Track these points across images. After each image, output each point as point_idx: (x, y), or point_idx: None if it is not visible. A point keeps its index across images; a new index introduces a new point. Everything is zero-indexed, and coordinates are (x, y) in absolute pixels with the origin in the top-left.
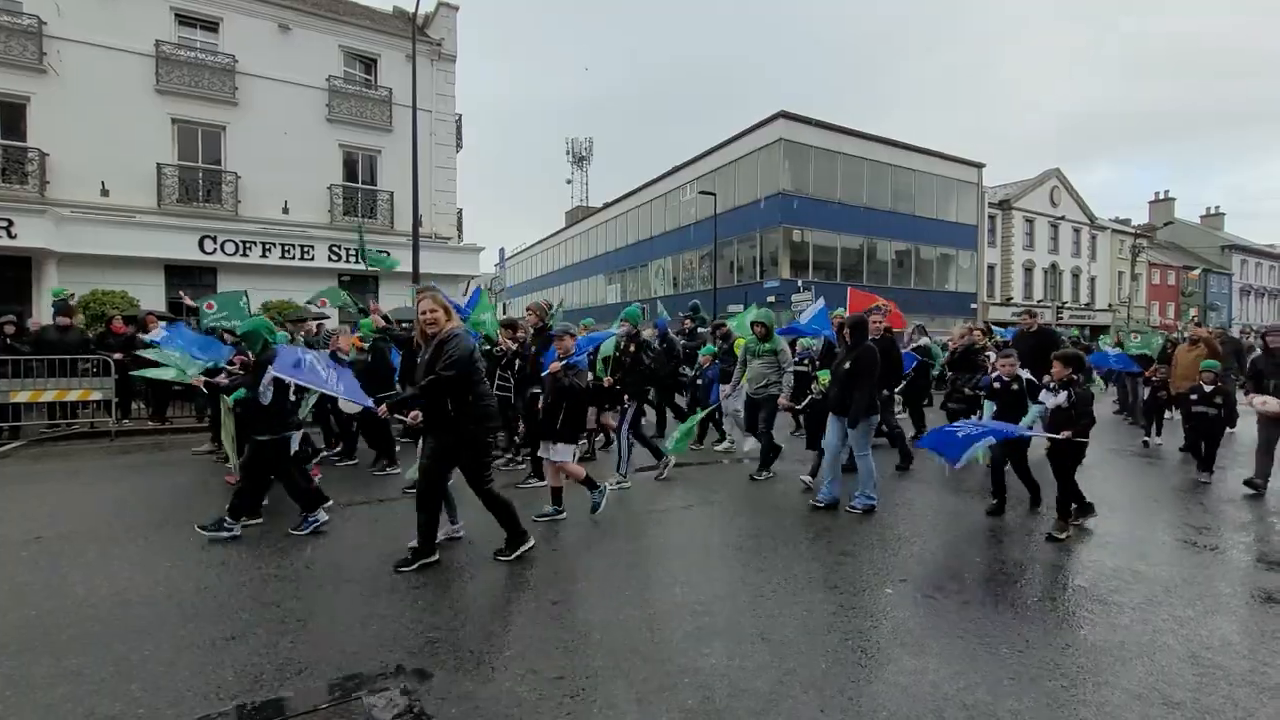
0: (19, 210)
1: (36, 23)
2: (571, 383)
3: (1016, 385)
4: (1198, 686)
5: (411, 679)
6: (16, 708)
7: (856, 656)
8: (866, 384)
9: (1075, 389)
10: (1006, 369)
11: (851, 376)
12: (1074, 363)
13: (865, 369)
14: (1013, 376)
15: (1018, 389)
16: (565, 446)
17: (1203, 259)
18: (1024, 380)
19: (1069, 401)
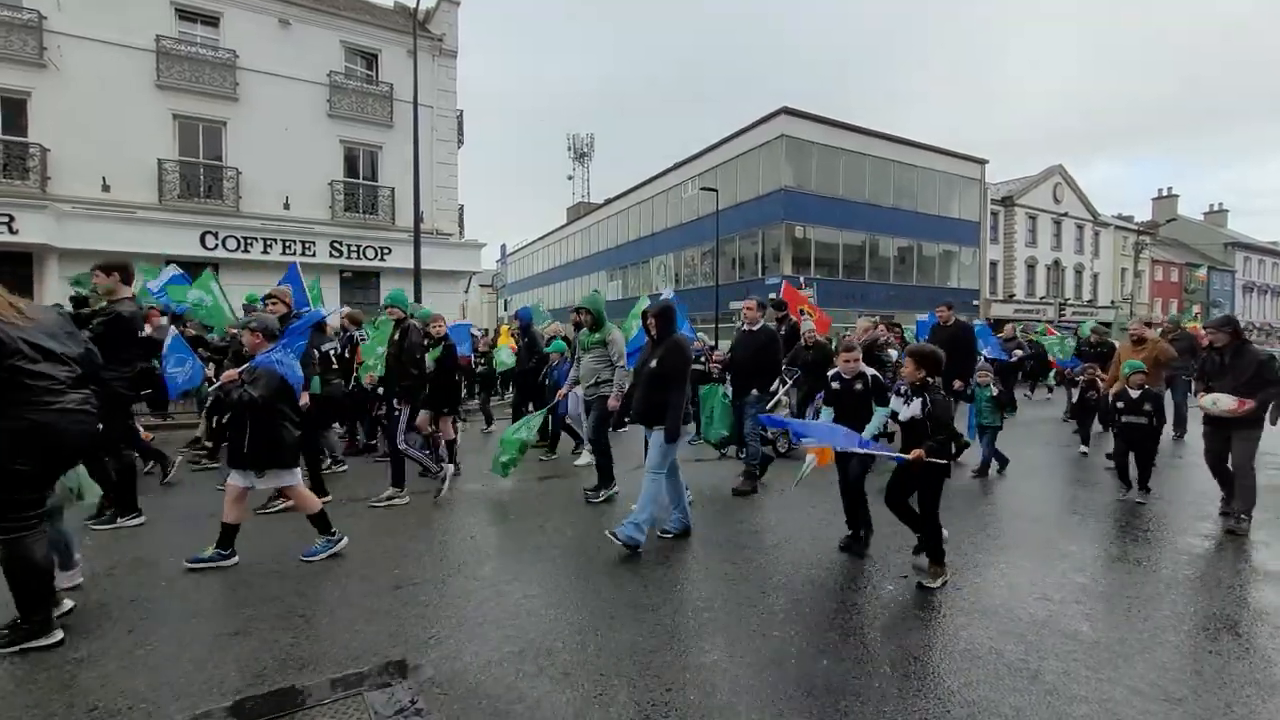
0: (20, 206)
1: (37, 17)
2: (245, 394)
3: (860, 385)
4: (1198, 684)
5: (413, 675)
6: (19, 701)
7: (858, 653)
8: (679, 387)
9: (931, 396)
10: (845, 364)
11: (658, 378)
12: (928, 362)
13: (677, 369)
14: (854, 375)
15: (862, 389)
16: (279, 473)
17: (1206, 256)
18: (870, 379)
19: (923, 412)
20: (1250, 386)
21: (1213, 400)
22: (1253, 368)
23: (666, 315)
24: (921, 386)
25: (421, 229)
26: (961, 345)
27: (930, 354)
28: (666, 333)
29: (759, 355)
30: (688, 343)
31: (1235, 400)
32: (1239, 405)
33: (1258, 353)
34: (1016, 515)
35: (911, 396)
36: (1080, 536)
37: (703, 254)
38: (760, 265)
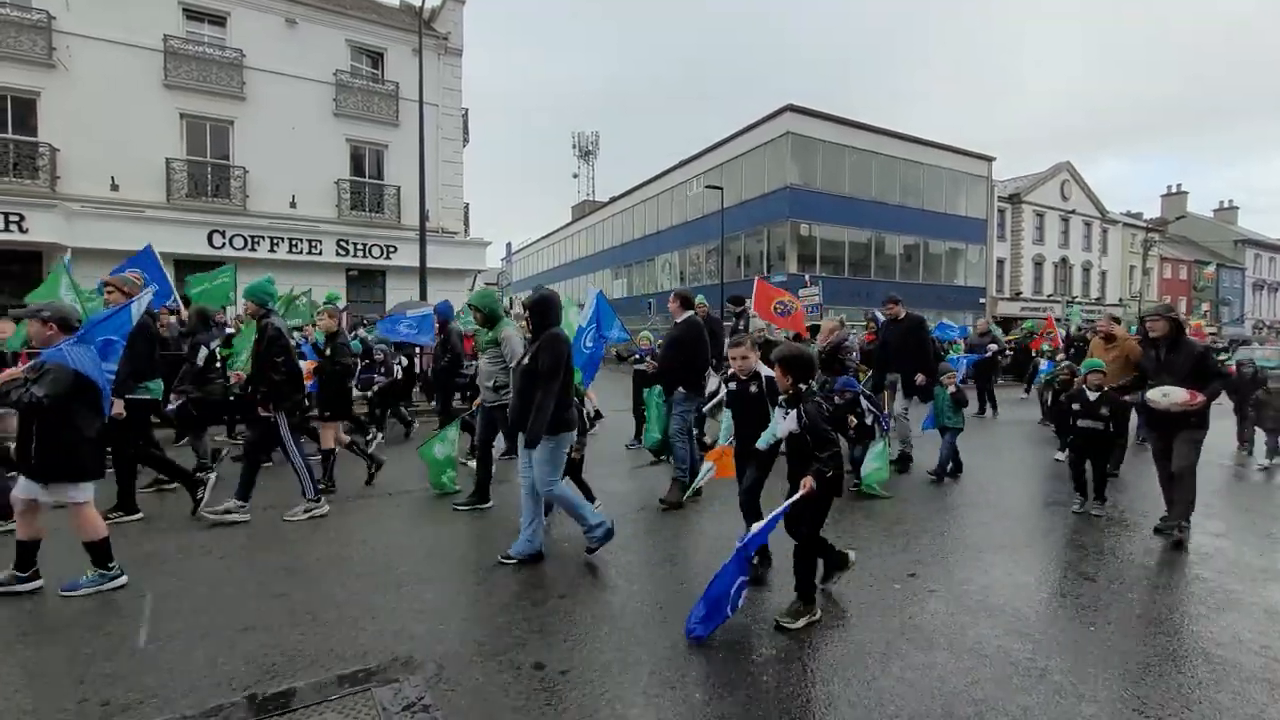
0: (30, 205)
1: (46, 18)
2: (29, 395)
3: (755, 388)
4: (1209, 683)
5: (420, 671)
6: (32, 695)
7: (864, 651)
8: (551, 388)
9: (805, 406)
10: (738, 362)
11: (530, 376)
12: (797, 367)
13: (547, 366)
14: (749, 375)
15: (756, 393)
16: (66, 486)
17: (1215, 253)
18: (765, 381)
19: (800, 426)
20: (1190, 382)
21: (1162, 393)
22: (1191, 361)
23: (542, 307)
24: (796, 396)
25: (427, 227)
26: (916, 340)
27: (797, 357)
28: (542, 327)
29: (681, 350)
30: (564, 338)
31: (1187, 393)
32: (1191, 398)
33: (1195, 345)
34: (1020, 514)
35: (787, 409)
36: (1089, 536)
37: (708, 252)
38: (766, 263)
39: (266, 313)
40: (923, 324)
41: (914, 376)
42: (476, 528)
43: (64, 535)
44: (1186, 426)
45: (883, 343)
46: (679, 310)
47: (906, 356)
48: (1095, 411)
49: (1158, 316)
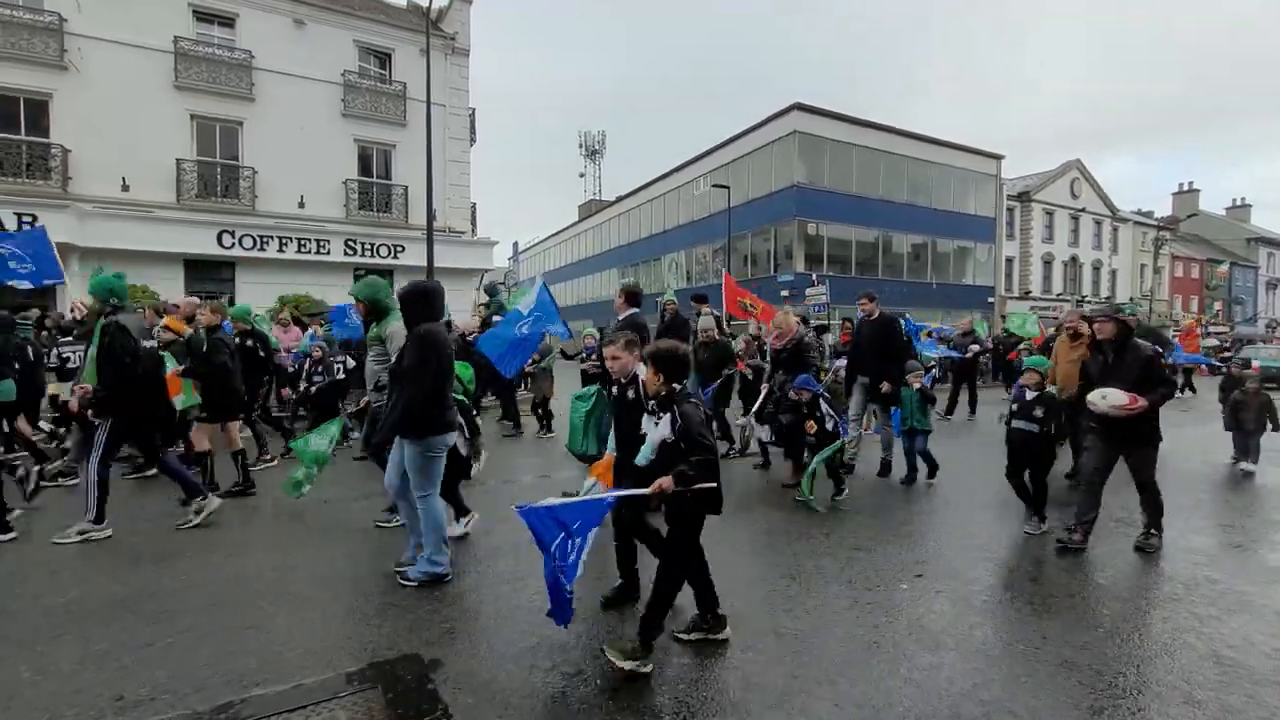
0: (43, 205)
1: (58, 20)
2: None
3: (633, 392)
4: (1219, 685)
5: (428, 668)
6: (46, 691)
7: (871, 651)
8: (413, 388)
9: (680, 408)
10: (610, 362)
11: (396, 378)
12: (670, 366)
13: (411, 366)
14: (627, 377)
15: (634, 398)
16: None
17: (1228, 252)
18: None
19: (674, 431)
20: (1137, 388)
21: (1101, 395)
22: (1139, 366)
23: (412, 299)
24: (668, 398)
25: (434, 227)
26: (889, 342)
27: (669, 354)
28: (413, 321)
29: None
30: (436, 335)
31: (1127, 395)
32: (1130, 402)
33: (1144, 348)
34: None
35: (659, 413)
36: (1095, 538)
37: (714, 251)
38: (773, 262)
39: (112, 310)
40: (895, 324)
41: (881, 380)
42: (486, 526)
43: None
44: (1138, 443)
45: (854, 342)
46: (623, 306)
47: (876, 358)
48: (1030, 412)
49: (1105, 318)
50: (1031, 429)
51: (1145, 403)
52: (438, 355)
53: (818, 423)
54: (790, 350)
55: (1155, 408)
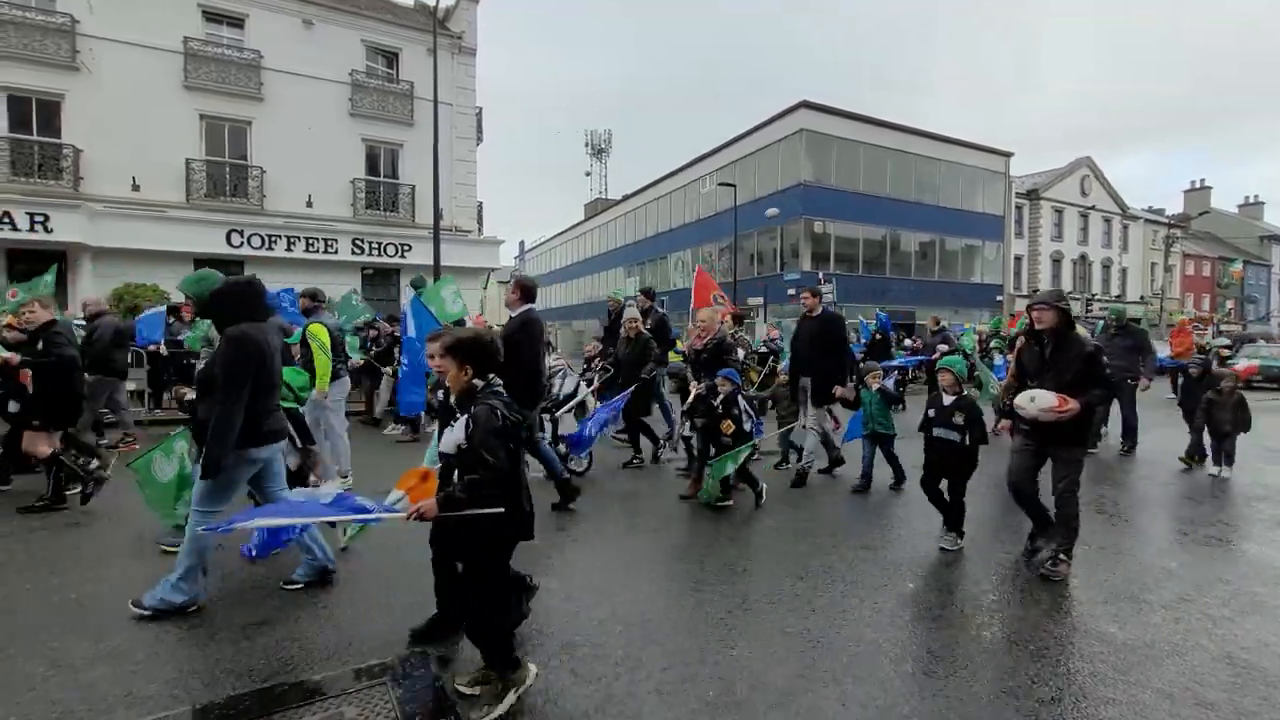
0: (54, 205)
1: (70, 21)
2: None
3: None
4: (1232, 686)
5: (435, 665)
6: (58, 687)
7: (878, 651)
8: (228, 400)
9: (476, 410)
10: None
11: (208, 387)
12: (474, 355)
13: (226, 374)
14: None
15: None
16: None
17: (1240, 250)
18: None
19: (467, 438)
20: (1075, 387)
21: (1030, 397)
22: (1078, 363)
23: (223, 298)
24: (468, 396)
25: (441, 226)
26: (832, 341)
27: (470, 343)
28: (226, 322)
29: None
30: (250, 338)
31: (1056, 397)
32: (1060, 404)
33: (1085, 343)
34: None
35: (458, 413)
36: (1102, 538)
37: (720, 250)
38: (779, 261)
39: None
40: (838, 322)
41: (829, 382)
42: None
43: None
44: (1065, 443)
45: (795, 342)
46: (517, 301)
47: (818, 359)
48: (949, 419)
49: (1045, 305)
50: (951, 437)
51: (1076, 405)
52: (251, 360)
53: (735, 421)
54: (711, 350)
55: (1089, 410)
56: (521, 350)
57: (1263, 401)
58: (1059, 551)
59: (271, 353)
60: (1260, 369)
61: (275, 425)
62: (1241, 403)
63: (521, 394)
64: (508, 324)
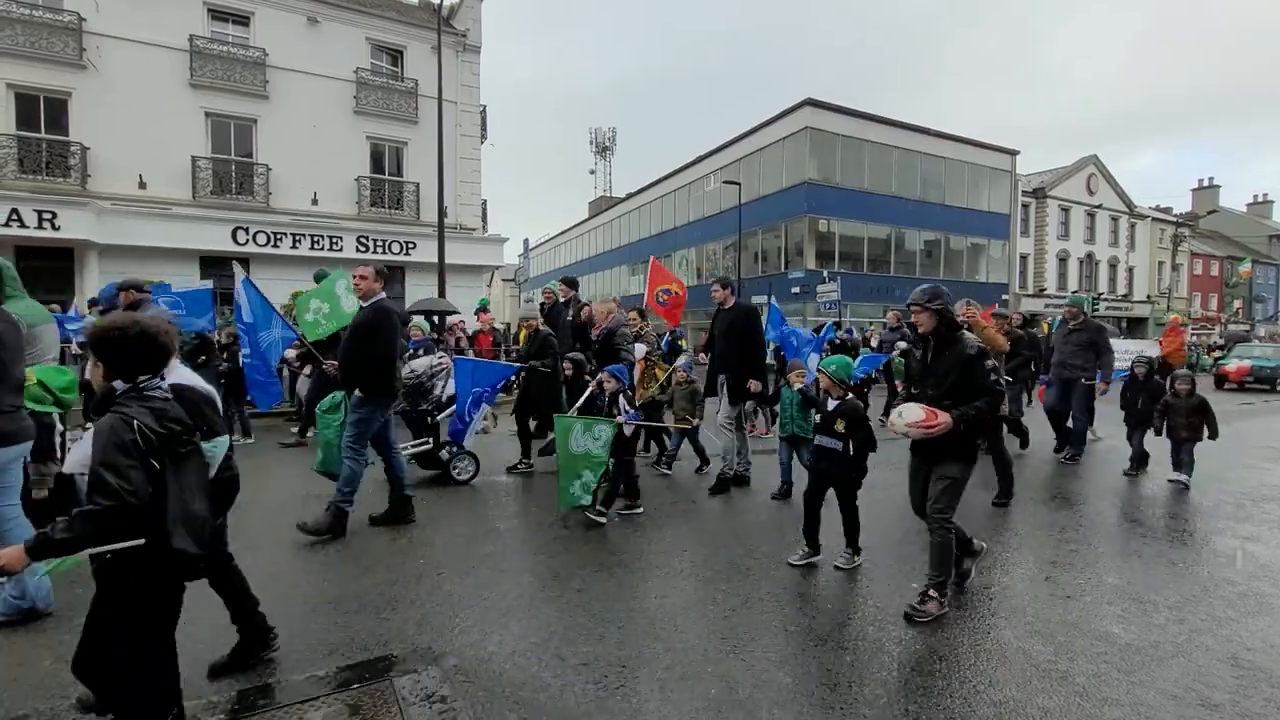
0: (62, 202)
1: (76, 19)
2: None
3: None
4: (1237, 688)
5: (439, 662)
6: (65, 679)
7: (881, 650)
8: None
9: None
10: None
11: None
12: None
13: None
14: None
15: None
16: None
17: (1249, 249)
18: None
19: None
20: (954, 395)
21: (898, 412)
22: (958, 368)
23: None
24: (106, 400)
25: (445, 224)
26: (744, 335)
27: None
28: None
29: (362, 342)
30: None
31: (924, 411)
32: (928, 418)
33: (967, 346)
34: (1035, 514)
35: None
36: (1107, 541)
37: (725, 248)
38: (783, 259)
39: None
40: (753, 314)
41: (745, 379)
42: (496, 521)
43: None
44: (941, 458)
45: (710, 336)
46: (370, 288)
47: (733, 354)
48: (830, 425)
49: (919, 307)
50: (834, 446)
51: (946, 420)
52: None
53: None
54: (600, 343)
55: (966, 425)
56: (371, 342)
57: (1255, 403)
58: (928, 587)
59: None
60: (1252, 370)
61: (8, 427)
62: (1202, 407)
63: (370, 389)
64: (358, 313)
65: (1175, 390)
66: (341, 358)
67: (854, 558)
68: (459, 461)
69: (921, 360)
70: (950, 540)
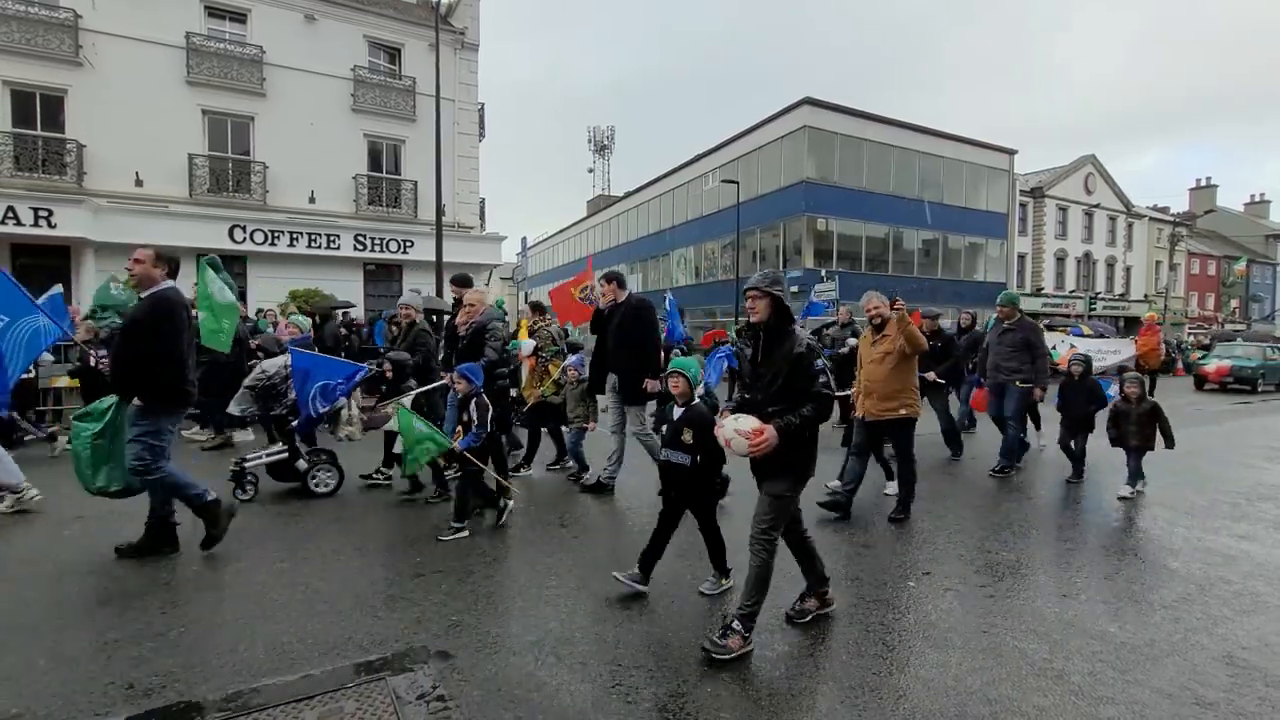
0: (58, 200)
1: (72, 16)
2: None
3: None
4: (1231, 686)
5: (435, 661)
6: (60, 679)
7: (878, 649)
8: None
9: None
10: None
11: None
12: None
13: None
14: None
15: None
16: None
17: (1246, 248)
18: None
19: None
20: (781, 400)
21: (734, 418)
22: (786, 368)
23: None
24: None
25: (443, 222)
26: (637, 330)
27: None
28: None
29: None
30: None
31: (753, 424)
32: (755, 435)
33: (795, 342)
34: (1036, 512)
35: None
36: (1106, 538)
37: (723, 247)
38: (781, 258)
39: None
40: (645, 309)
41: (638, 378)
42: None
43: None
44: (766, 473)
45: (599, 334)
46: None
47: (623, 352)
48: (677, 436)
49: (757, 293)
50: (681, 461)
51: (771, 437)
52: None
53: (465, 428)
54: (469, 338)
55: (791, 436)
56: (153, 338)
57: (1253, 402)
58: (735, 618)
59: None
60: (1232, 370)
61: None
62: (1154, 413)
63: (151, 396)
64: (135, 308)
65: (1124, 395)
66: (113, 359)
67: (720, 581)
68: (319, 473)
69: (752, 359)
70: (770, 563)
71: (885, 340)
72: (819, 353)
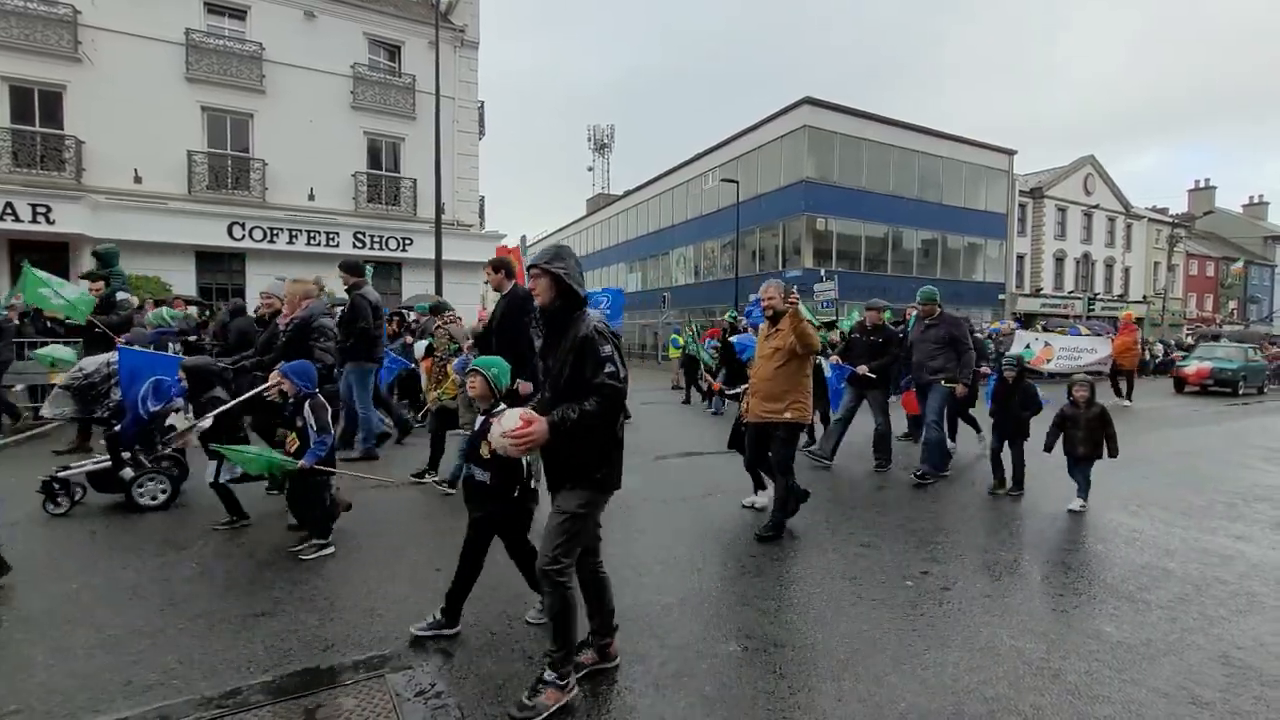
0: (57, 196)
1: (71, 12)
2: None
3: None
4: (1227, 686)
5: (434, 658)
6: (59, 674)
7: (875, 648)
8: None
9: None
10: None
11: None
12: None
13: None
14: None
15: None
16: None
17: (1244, 250)
18: None
19: None
20: (568, 394)
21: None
22: (572, 357)
23: None
24: None
25: (443, 220)
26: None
27: None
28: None
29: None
30: None
31: (520, 418)
32: (521, 427)
33: (582, 325)
34: (1035, 515)
35: None
36: (1104, 542)
37: (722, 246)
38: (781, 257)
39: None
40: (521, 301)
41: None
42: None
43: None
44: (557, 482)
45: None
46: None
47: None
48: (475, 450)
49: (537, 270)
50: (483, 479)
51: (541, 430)
52: None
53: (299, 435)
54: (290, 334)
55: (574, 436)
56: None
57: (1250, 402)
58: (544, 670)
59: None
60: (1213, 372)
61: None
62: (1102, 419)
63: None
64: None
65: (1073, 399)
66: None
67: (540, 614)
68: (147, 481)
69: (541, 350)
70: (571, 598)
71: (777, 335)
72: (609, 338)
